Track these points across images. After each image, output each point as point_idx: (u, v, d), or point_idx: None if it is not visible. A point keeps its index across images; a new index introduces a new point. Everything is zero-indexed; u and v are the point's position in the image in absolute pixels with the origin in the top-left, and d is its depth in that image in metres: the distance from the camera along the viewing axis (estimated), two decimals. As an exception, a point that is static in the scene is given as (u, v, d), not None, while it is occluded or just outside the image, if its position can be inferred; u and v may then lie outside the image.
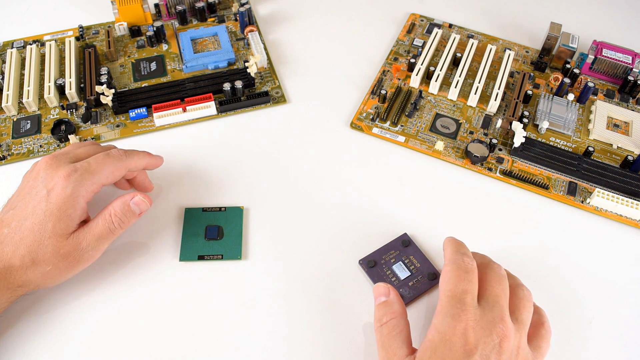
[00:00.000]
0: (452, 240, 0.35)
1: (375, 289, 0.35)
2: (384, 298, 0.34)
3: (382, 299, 0.34)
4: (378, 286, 0.34)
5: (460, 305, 0.30)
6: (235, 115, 0.49)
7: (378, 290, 0.34)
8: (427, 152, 0.46)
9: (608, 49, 0.52)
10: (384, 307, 0.33)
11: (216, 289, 0.38)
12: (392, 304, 0.33)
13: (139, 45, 0.54)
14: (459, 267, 0.32)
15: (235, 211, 0.42)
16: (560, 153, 0.46)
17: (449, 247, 0.35)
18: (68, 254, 0.34)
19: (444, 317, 0.30)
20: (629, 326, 0.37)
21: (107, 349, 0.35)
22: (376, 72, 0.53)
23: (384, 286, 0.34)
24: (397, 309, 0.33)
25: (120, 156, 0.38)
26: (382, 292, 0.34)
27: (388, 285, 0.34)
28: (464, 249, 0.34)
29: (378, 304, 0.34)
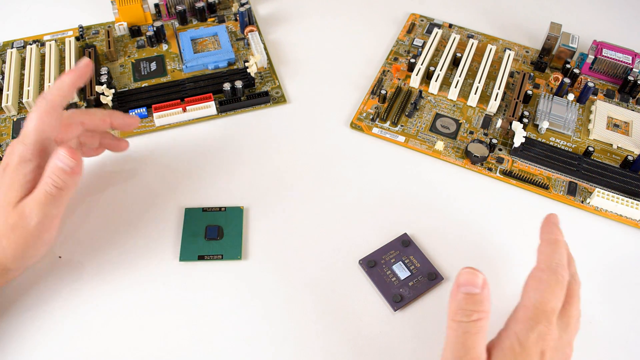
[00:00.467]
0: (554, 241, 0.32)
1: (468, 275, 0.29)
2: (477, 290, 0.28)
3: (474, 290, 0.28)
4: (471, 273, 0.29)
5: (547, 324, 0.29)
6: (235, 115, 0.49)
7: (470, 278, 0.28)
8: (427, 152, 0.46)
9: (608, 49, 0.52)
10: (476, 301, 0.28)
11: (216, 289, 0.38)
12: (485, 300, 0.28)
13: (139, 45, 0.54)
14: (557, 282, 0.30)
15: (235, 211, 0.42)
16: (560, 153, 0.46)
17: (549, 248, 0.31)
18: (16, 225, 0.33)
19: (529, 330, 0.29)
20: (629, 326, 0.37)
21: (107, 348, 0.35)
22: (376, 72, 0.53)
23: (479, 276, 0.28)
24: (488, 308, 0.29)
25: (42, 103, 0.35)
26: (475, 283, 0.28)
27: (484, 275, 0.29)
28: (562, 255, 0.31)
29: (467, 293, 0.28)
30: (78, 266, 0.38)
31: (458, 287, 0.29)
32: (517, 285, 0.39)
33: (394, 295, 0.37)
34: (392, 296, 0.37)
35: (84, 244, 0.40)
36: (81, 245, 0.40)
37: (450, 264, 0.40)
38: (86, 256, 0.39)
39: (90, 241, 0.40)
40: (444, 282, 0.39)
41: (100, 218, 0.41)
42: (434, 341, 0.36)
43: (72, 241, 0.40)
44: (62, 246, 0.40)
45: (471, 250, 0.41)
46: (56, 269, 0.38)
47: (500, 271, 0.40)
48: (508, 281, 0.39)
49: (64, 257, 0.39)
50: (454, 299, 0.29)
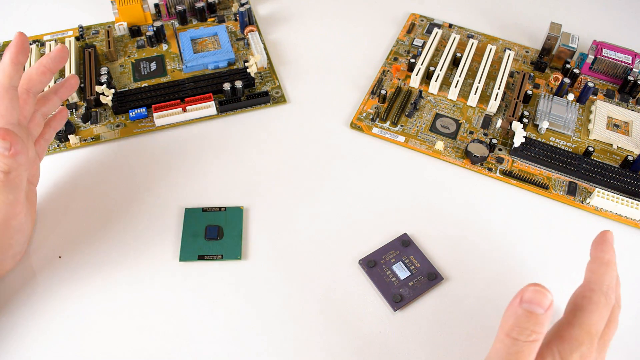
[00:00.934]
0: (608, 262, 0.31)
1: (536, 293, 0.27)
2: (541, 311, 0.27)
3: (539, 311, 0.27)
4: (541, 292, 0.27)
5: (590, 346, 0.28)
6: (235, 115, 0.49)
7: (539, 298, 0.27)
8: (427, 152, 0.46)
9: (608, 49, 0.52)
10: (538, 322, 0.27)
11: (216, 289, 0.38)
12: (546, 322, 0.27)
13: (139, 45, 0.54)
14: (606, 305, 0.29)
15: (235, 211, 0.42)
16: (560, 153, 0.46)
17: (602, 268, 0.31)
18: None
19: (573, 351, 0.28)
20: (629, 326, 0.37)
21: (107, 348, 0.35)
22: (376, 72, 0.53)
23: (549, 297, 0.27)
24: (545, 330, 0.27)
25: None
26: (543, 303, 0.26)
27: (552, 296, 0.27)
28: (614, 278, 0.31)
29: (529, 312, 0.27)
30: (78, 266, 0.38)
31: (521, 303, 0.27)
32: (517, 285, 0.39)
33: (394, 295, 0.37)
34: (392, 296, 0.37)
35: (83, 244, 0.40)
36: (81, 245, 0.40)
37: (450, 264, 0.40)
38: (86, 256, 0.39)
39: (90, 241, 0.40)
40: (444, 282, 0.39)
41: (100, 218, 0.41)
42: (434, 341, 0.36)
43: (72, 241, 0.40)
44: (62, 246, 0.40)
45: (471, 251, 0.41)
46: (56, 269, 0.38)
47: (500, 271, 0.40)
48: (508, 281, 0.39)
49: (64, 257, 0.39)
50: (512, 313, 0.27)
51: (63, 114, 0.42)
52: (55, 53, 0.37)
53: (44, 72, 0.37)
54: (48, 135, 0.41)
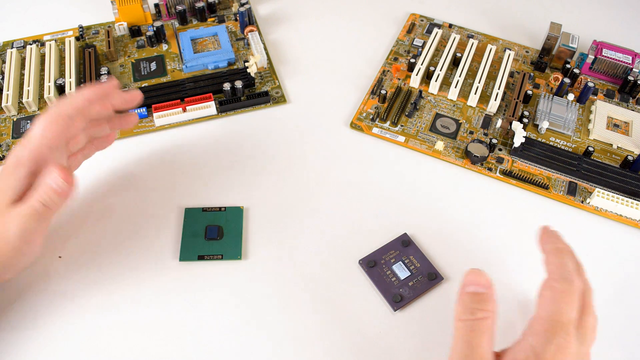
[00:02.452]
0: (560, 250, 0.31)
1: (472, 274, 0.29)
2: (482, 290, 0.29)
3: (479, 290, 0.29)
4: (476, 273, 0.29)
5: (565, 336, 0.28)
6: (235, 115, 0.49)
7: (475, 278, 0.29)
8: (427, 152, 0.46)
9: (608, 49, 0.52)
10: (481, 300, 0.29)
11: (216, 289, 0.38)
12: (489, 299, 0.29)
13: (139, 45, 0.54)
14: (572, 291, 0.29)
15: (235, 211, 0.42)
16: (560, 153, 0.46)
17: (557, 257, 0.31)
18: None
19: (547, 343, 0.28)
20: (629, 326, 0.37)
21: (106, 348, 0.35)
22: (376, 72, 0.53)
23: (484, 276, 0.29)
24: (494, 307, 0.29)
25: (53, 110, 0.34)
26: (480, 282, 0.29)
27: (489, 276, 0.29)
28: (575, 262, 0.31)
29: (472, 293, 0.29)
30: (78, 266, 0.38)
31: (464, 287, 0.29)
32: (517, 285, 0.39)
33: (394, 295, 0.37)
34: (392, 296, 0.37)
35: (83, 244, 0.40)
36: (81, 245, 0.40)
37: (450, 264, 0.40)
38: (86, 256, 0.39)
39: (90, 241, 0.40)
40: (444, 282, 0.39)
41: (100, 218, 0.41)
42: (434, 341, 0.36)
43: (72, 241, 0.40)
44: (62, 246, 0.40)
45: (471, 250, 0.41)
46: (56, 269, 0.38)
47: (500, 271, 0.40)
48: (508, 281, 0.39)
49: (64, 257, 0.39)
50: (460, 300, 0.29)
51: (110, 138, 0.42)
52: (129, 96, 0.39)
53: (106, 107, 0.38)
54: (88, 151, 0.41)
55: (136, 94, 0.40)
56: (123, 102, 0.39)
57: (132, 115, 0.42)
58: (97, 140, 0.41)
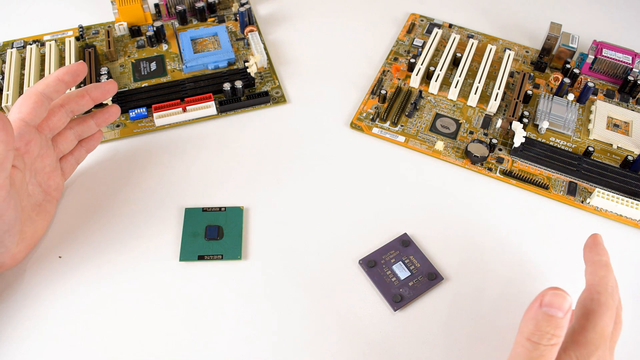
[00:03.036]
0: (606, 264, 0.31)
1: (555, 297, 0.27)
2: (561, 314, 0.27)
3: (558, 314, 0.27)
4: (560, 295, 0.27)
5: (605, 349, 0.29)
6: (235, 115, 0.49)
7: (558, 301, 0.27)
8: (427, 152, 0.46)
9: (608, 49, 0.52)
10: (557, 326, 0.27)
11: (216, 289, 0.38)
12: (565, 324, 0.27)
13: (139, 45, 0.54)
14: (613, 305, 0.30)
15: (235, 211, 0.42)
16: (560, 153, 0.46)
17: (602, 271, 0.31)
18: None
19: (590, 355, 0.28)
20: (629, 326, 0.37)
21: (106, 348, 0.35)
22: (376, 72, 0.53)
23: (568, 300, 0.27)
24: (564, 332, 0.27)
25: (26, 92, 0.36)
26: (562, 306, 0.27)
27: (571, 300, 0.27)
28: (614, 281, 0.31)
29: (551, 316, 0.27)
30: (78, 266, 0.38)
31: (540, 307, 0.27)
32: (517, 285, 0.39)
33: (394, 295, 0.37)
34: (392, 296, 0.37)
35: (83, 244, 0.40)
36: (81, 245, 0.40)
37: (450, 264, 0.40)
38: (86, 256, 0.39)
39: (90, 241, 0.40)
40: (444, 282, 0.39)
41: (100, 218, 0.41)
42: (434, 341, 0.36)
43: (72, 241, 0.40)
44: (62, 246, 0.40)
45: (471, 250, 0.41)
46: (56, 269, 0.38)
47: (500, 271, 0.40)
48: (508, 281, 0.39)
49: (64, 257, 0.39)
50: (532, 317, 0.27)
51: (96, 137, 0.43)
52: (103, 84, 0.40)
53: (83, 96, 0.40)
54: (78, 154, 0.42)
55: (110, 83, 0.41)
56: (100, 92, 0.40)
57: (113, 107, 0.43)
58: (85, 141, 0.42)
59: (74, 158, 0.42)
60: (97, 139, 0.43)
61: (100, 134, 0.43)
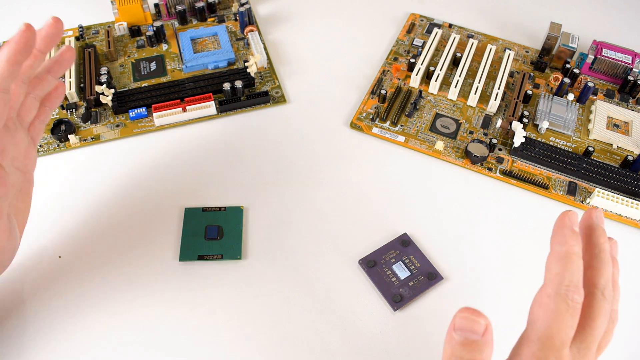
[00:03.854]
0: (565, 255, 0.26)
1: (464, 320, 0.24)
2: (477, 337, 0.24)
3: (473, 337, 0.24)
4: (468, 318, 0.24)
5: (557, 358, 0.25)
6: (235, 115, 0.49)
7: (471, 324, 0.24)
8: (427, 152, 0.46)
9: (608, 49, 0.52)
10: (474, 349, 0.24)
11: (216, 288, 0.38)
12: (484, 347, 0.24)
13: (138, 45, 0.54)
14: (567, 309, 0.25)
15: (235, 211, 0.42)
16: (560, 153, 0.46)
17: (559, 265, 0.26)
18: None
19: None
20: (629, 326, 0.37)
21: (106, 348, 0.35)
22: (376, 72, 0.53)
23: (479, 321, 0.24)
24: (488, 354, 0.24)
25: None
26: (475, 329, 0.24)
27: (487, 319, 0.24)
28: (574, 272, 0.26)
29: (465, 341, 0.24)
30: (78, 266, 0.38)
31: (454, 331, 0.24)
32: (517, 285, 0.39)
33: (393, 295, 0.37)
34: (392, 296, 0.37)
35: (83, 244, 0.40)
36: (81, 245, 0.40)
37: (450, 264, 0.40)
38: (86, 256, 0.39)
39: (90, 241, 0.40)
40: (444, 282, 0.39)
41: (100, 218, 0.41)
42: (433, 341, 0.36)
43: (72, 241, 0.40)
44: (62, 246, 0.40)
45: (471, 250, 0.41)
46: (56, 268, 0.38)
47: (500, 271, 0.40)
48: (508, 283, 0.39)
49: (64, 257, 0.39)
50: (448, 342, 0.25)
51: (59, 91, 0.37)
52: (46, 30, 0.33)
53: (35, 57, 0.33)
54: (44, 116, 0.37)
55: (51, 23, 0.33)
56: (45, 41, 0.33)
57: (66, 50, 0.36)
58: (47, 99, 0.37)
59: (40, 121, 0.36)
60: (61, 93, 0.37)
61: (62, 85, 0.37)
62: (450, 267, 0.40)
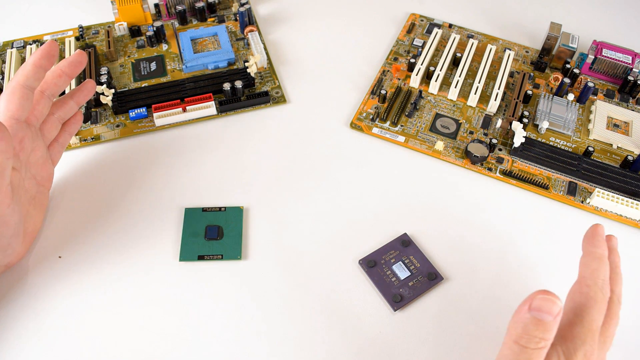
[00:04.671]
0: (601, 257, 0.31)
1: (544, 300, 0.26)
2: (550, 319, 0.26)
3: (548, 318, 0.26)
4: (548, 299, 0.26)
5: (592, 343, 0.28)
6: (235, 115, 0.49)
7: (548, 306, 0.26)
8: (427, 152, 0.46)
9: (608, 49, 0.52)
10: (545, 329, 0.26)
11: (216, 289, 0.38)
12: (554, 328, 0.26)
13: (139, 45, 0.54)
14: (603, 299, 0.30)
15: (235, 211, 0.42)
16: (560, 153, 0.46)
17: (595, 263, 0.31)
18: None
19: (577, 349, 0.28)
20: (629, 326, 0.37)
21: (106, 348, 0.35)
22: (376, 72, 0.53)
23: (557, 304, 0.26)
24: (552, 335, 0.27)
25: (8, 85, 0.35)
26: (552, 311, 0.26)
27: (561, 303, 0.27)
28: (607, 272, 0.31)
29: (538, 321, 0.26)
30: (78, 266, 0.39)
31: (529, 310, 0.27)
32: (517, 285, 0.39)
33: (393, 295, 0.37)
34: (392, 296, 0.37)
35: (83, 244, 0.40)
36: (81, 245, 0.40)
37: (450, 264, 0.40)
38: (86, 256, 0.39)
39: (90, 241, 0.40)
40: (444, 282, 0.39)
41: (100, 218, 0.41)
42: (433, 341, 0.36)
43: (72, 241, 0.40)
44: (62, 246, 0.40)
45: (471, 250, 0.41)
46: (56, 268, 0.38)
47: (500, 271, 0.40)
48: (508, 281, 0.39)
49: (64, 257, 0.39)
50: (520, 320, 0.27)
51: (77, 118, 0.42)
52: (73, 57, 0.39)
53: (59, 75, 0.38)
54: (62, 139, 0.41)
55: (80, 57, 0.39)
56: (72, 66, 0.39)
57: (89, 82, 0.42)
58: (67, 124, 0.41)
59: (59, 144, 0.41)
60: (79, 120, 0.42)
61: (80, 114, 0.43)
62: (450, 267, 0.40)
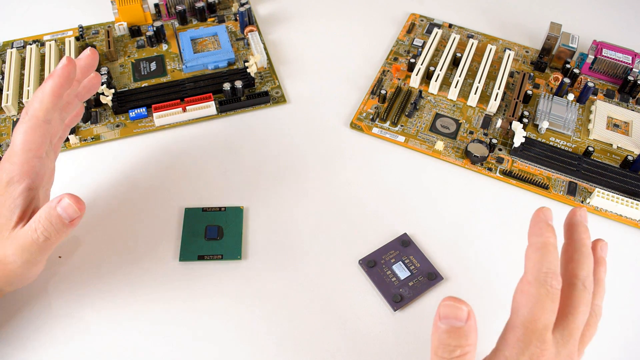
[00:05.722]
0: (543, 246, 0.28)
1: (447, 308, 0.25)
2: (460, 324, 0.25)
3: (457, 324, 0.25)
4: (452, 306, 0.25)
5: (540, 343, 0.26)
6: (235, 115, 0.49)
7: (454, 311, 0.25)
8: (427, 152, 0.46)
9: (608, 49, 0.52)
10: (460, 336, 0.25)
11: (216, 289, 0.38)
12: (469, 333, 0.25)
13: (138, 45, 0.54)
14: (547, 294, 0.27)
15: (235, 211, 0.42)
16: (560, 153, 0.46)
17: (537, 254, 0.28)
18: None
19: (520, 354, 0.26)
20: (629, 326, 0.37)
21: (106, 349, 0.35)
22: (376, 72, 0.53)
23: (462, 308, 0.25)
24: (474, 339, 0.26)
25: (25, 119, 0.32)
26: (458, 316, 0.25)
27: (468, 306, 0.25)
28: (552, 261, 0.27)
29: (450, 329, 0.25)
30: (78, 266, 0.38)
31: (440, 320, 0.26)
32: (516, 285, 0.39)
33: (393, 295, 0.37)
34: (392, 296, 0.37)
35: (84, 244, 0.40)
36: (81, 245, 0.40)
37: (450, 264, 0.40)
38: (86, 256, 0.39)
39: (90, 241, 0.40)
40: (444, 282, 0.39)
41: (100, 218, 0.41)
42: (433, 341, 0.36)
43: (72, 241, 0.40)
44: (62, 246, 0.40)
45: (471, 250, 0.41)
46: (56, 268, 0.38)
47: (500, 271, 0.40)
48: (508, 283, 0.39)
49: (64, 257, 0.39)
50: (435, 332, 0.26)
51: (79, 113, 0.40)
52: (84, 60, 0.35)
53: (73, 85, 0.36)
54: (63, 134, 0.39)
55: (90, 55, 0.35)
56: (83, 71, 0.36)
57: (95, 77, 0.38)
58: (69, 120, 0.39)
59: (60, 139, 0.38)
60: (80, 114, 0.40)
61: (82, 108, 0.40)
62: (450, 267, 0.40)
